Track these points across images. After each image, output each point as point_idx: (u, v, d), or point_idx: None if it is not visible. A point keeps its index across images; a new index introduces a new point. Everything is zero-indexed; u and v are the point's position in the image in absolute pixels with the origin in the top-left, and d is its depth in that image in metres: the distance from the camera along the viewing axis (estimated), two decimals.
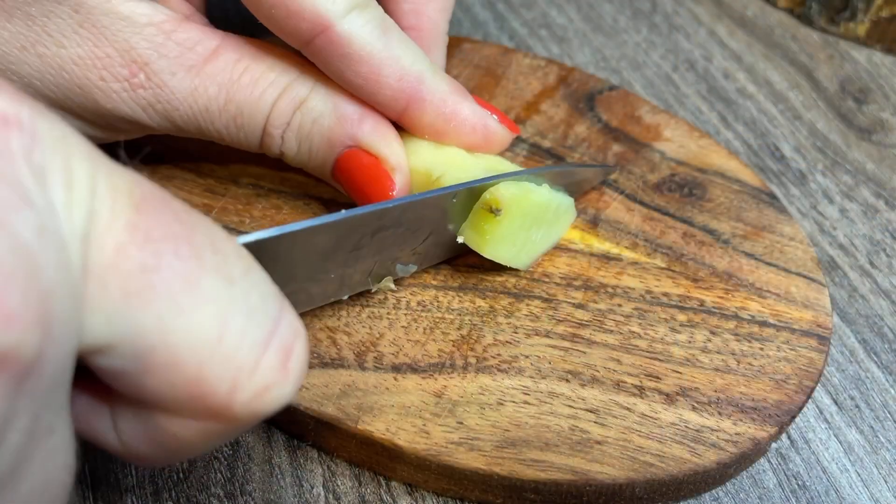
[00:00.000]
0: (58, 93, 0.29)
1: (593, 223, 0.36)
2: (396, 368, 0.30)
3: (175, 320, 0.17)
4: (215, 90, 0.30)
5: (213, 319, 0.18)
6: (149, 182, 0.18)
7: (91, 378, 0.19)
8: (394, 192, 0.32)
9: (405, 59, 0.30)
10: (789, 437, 0.33)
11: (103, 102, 0.30)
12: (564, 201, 0.33)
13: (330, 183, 0.34)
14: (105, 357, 0.17)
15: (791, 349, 0.32)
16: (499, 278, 0.33)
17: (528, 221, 0.31)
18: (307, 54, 0.30)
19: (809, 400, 0.32)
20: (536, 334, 0.32)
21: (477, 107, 0.33)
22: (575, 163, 0.38)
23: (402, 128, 0.33)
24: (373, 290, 0.32)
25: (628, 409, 0.30)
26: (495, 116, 0.33)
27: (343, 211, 0.27)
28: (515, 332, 0.32)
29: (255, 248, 0.23)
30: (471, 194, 0.30)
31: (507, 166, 0.34)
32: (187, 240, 0.18)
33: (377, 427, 0.29)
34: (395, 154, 0.32)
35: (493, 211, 0.30)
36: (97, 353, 0.17)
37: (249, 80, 0.30)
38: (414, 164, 0.32)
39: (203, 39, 0.30)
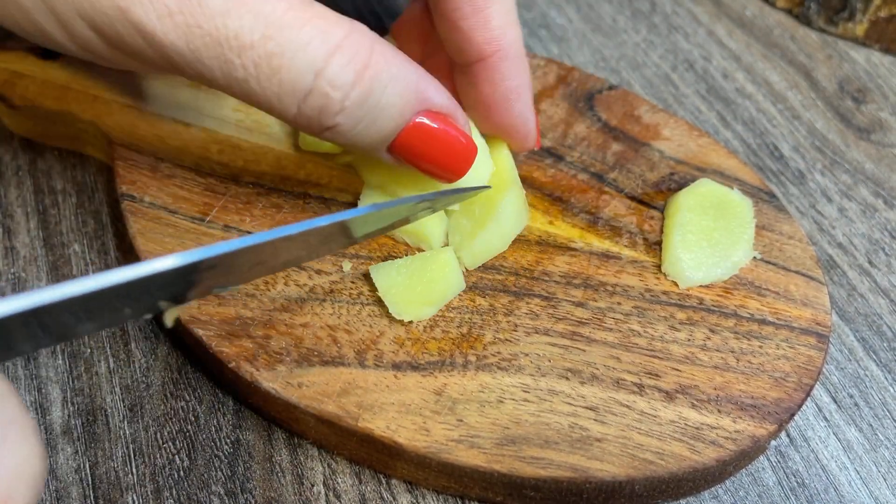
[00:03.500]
0: None
1: (593, 222, 0.36)
2: (397, 366, 0.30)
3: None
4: (251, 21, 0.25)
5: None
6: None
7: None
8: (474, 155, 0.31)
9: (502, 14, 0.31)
10: (788, 435, 0.33)
11: (118, 1, 0.25)
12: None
13: (380, 157, 0.30)
14: None
15: (790, 347, 0.32)
16: (498, 277, 0.33)
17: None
18: None
19: (808, 398, 0.32)
20: (536, 332, 0.32)
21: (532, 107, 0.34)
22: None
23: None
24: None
25: (628, 406, 0.30)
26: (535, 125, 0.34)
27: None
28: (515, 331, 0.32)
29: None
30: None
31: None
32: None
33: (377, 425, 0.29)
34: (459, 110, 0.30)
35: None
36: None
37: (293, 20, 0.25)
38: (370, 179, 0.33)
39: None
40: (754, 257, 0.35)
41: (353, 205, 0.35)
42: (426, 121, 0.29)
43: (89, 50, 0.27)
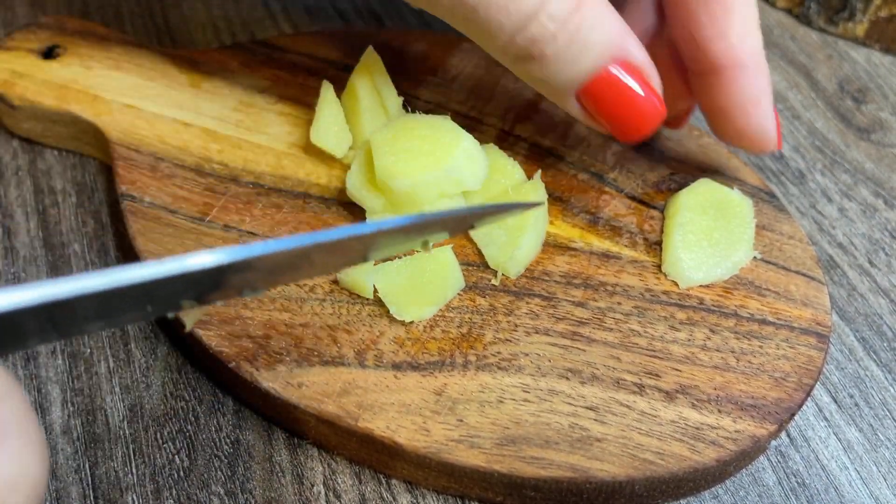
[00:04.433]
0: None
1: (593, 222, 0.36)
2: (397, 366, 0.30)
3: None
4: None
5: None
6: None
7: None
8: (662, 117, 0.31)
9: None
10: (789, 435, 0.33)
11: None
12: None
13: (566, 105, 0.31)
14: None
15: (790, 347, 0.32)
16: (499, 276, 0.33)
17: None
18: None
19: (809, 398, 0.32)
20: (536, 332, 0.32)
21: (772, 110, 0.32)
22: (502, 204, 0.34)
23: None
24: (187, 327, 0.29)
25: (628, 406, 0.30)
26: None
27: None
28: (515, 330, 0.32)
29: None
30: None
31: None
32: None
33: (377, 425, 0.29)
34: (654, 69, 0.30)
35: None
36: None
37: None
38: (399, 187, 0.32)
39: None
40: (754, 257, 0.35)
41: (353, 204, 0.35)
42: (621, 71, 0.30)
43: None
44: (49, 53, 0.40)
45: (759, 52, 0.31)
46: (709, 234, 0.34)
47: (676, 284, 0.33)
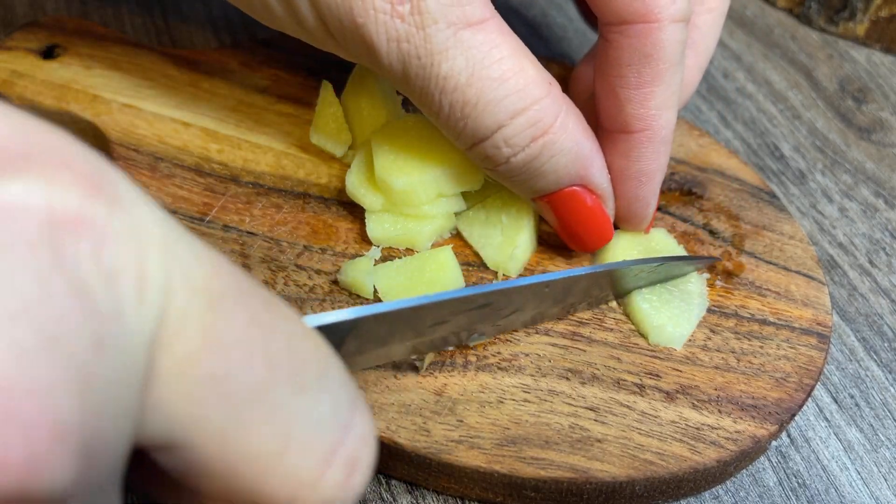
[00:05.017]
0: None
1: None
2: (397, 366, 0.30)
3: (236, 433, 0.16)
4: (462, 63, 0.27)
5: (277, 435, 0.16)
6: (230, 268, 0.17)
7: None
8: (610, 238, 0.32)
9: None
10: (789, 436, 0.33)
11: (356, 14, 0.27)
12: None
13: (521, 195, 0.32)
14: (162, 453, 0.16)
15: (791, 347, 0.32)
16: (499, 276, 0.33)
17: None
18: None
19: (809, 398, 0.32)
20: (536, 333, 0.32)
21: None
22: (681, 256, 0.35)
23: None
24: (420, 369, 0.30)
25: (628, 407, 0.30)
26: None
27: (446, 291, 0.26)
28: (516, 331, 0.32)
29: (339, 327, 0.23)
30: (564, 286, 0.30)
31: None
32: (262, 346, 0.16)
33: (377, 425, 0.29)
34: (612, 197, 0.32)
35: None
36: (154, 448, 0.16)
37: (498, 74, 0.27)
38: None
39: (478, 4, 0.27)
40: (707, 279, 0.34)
41: (353, 204, 0.35)
42: (579, 192, 0.31)
43: (306, 31, 0.29)
44: (49, 53, 0.40)
45: (669, 129, 0.31)
46: (661, 292, 0.33)
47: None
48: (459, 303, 0.26)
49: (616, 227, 0.34)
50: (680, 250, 0.34)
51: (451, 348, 0.30)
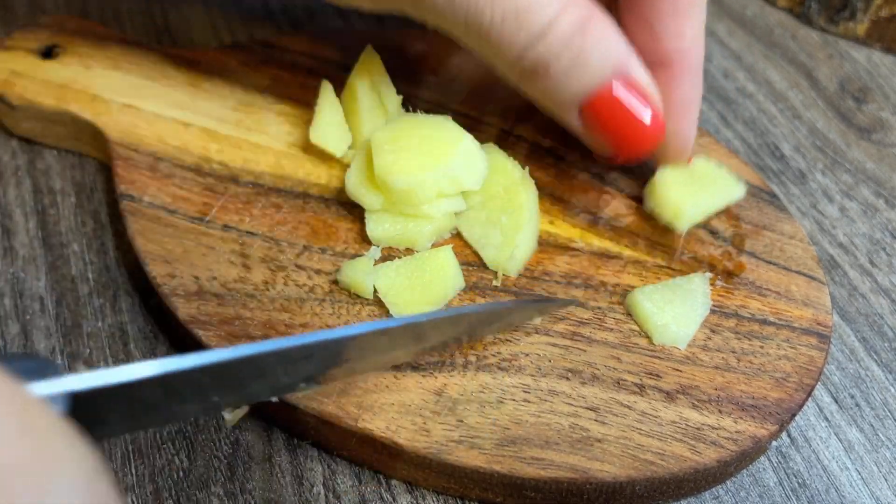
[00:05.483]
0: None
1: (593, 222, 0.36)
2: (396, 367, 0.30)
3: None
4: None
5: None
6: None
7: None
8: (661, 138, 0.32)
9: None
10: (789, 436, 0.33)
11: None
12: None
13: (570, 121, 0.32)
14: None
15: (791, 347, 0.32)
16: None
17: None
18: None
19: (810, 398, 0.32)
20: (537, 332, 0.32)
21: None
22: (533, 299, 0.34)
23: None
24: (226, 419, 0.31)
25: (629, 407, 0.30)
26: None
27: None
28: (515, 331, 0.32)
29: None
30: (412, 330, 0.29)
31: None
32: None
33: (377, 425, 0.29)
34: (655, 90, 0.32)
35: None
36: None
37: None
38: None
39: None
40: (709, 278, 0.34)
41: (352, 203, 0.34)
42: (622, 89, 0.31)
43: None
44: (48, 53, 0.40)
45: (701, 61, 0.32)
46: (664, 291, 0.33)
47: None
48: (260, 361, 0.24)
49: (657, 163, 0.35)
50: (724, 172, 0.35)
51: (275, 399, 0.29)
